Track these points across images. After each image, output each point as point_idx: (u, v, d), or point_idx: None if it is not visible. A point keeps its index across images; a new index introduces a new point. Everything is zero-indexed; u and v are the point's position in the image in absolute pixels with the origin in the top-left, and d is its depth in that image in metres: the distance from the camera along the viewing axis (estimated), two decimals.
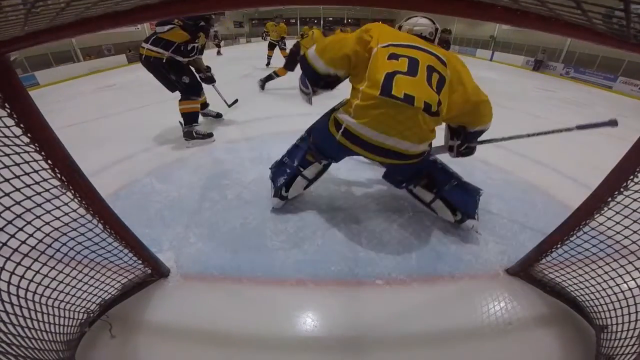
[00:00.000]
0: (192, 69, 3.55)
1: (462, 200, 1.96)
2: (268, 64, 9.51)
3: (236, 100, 4.84)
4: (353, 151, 1.78)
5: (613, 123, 1.70)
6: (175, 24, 2.88)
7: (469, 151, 2.04)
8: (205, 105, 4.11)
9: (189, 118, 3.37)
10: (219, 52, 15.35)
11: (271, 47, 9.43)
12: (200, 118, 4.07)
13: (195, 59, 3.46)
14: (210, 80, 3.89)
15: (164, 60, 3.07)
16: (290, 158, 2.10)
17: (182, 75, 3.22)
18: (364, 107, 1.60)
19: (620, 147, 1.20)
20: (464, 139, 1.96)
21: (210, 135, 3.48)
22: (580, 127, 1.93)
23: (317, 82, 1.87)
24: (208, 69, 3.84)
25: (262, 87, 6.10)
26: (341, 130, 1.71)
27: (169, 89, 3.38)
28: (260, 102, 5.31)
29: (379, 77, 1.56)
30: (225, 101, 4.55)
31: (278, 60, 9.22)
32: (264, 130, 3.85)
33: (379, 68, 1.58)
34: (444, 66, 1.67)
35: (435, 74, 1.63)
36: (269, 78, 6.09)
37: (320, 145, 1.95)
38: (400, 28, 1.92)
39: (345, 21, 33.40)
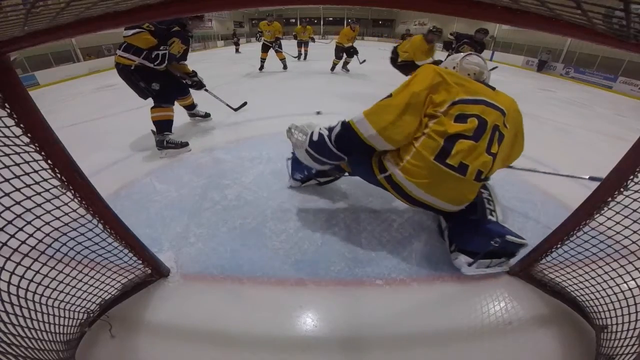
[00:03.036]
0: (175, 74, 3.39)
1: (462, 235, 1.76)
2: (261, 68, 8.70)
3: (244, 104, 4.64)
4: (386, 190, 1.73)
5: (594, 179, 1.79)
6: (143, 29, 2.75)
7: None
8: (192, 106, 4.00)
9: (161, 126, 3.17)
10: (237, 50, 16.15)
11: (265, 49, 8.57)
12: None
13: (175, 64, 3.30)
14: (198, 85, 3.62)
15: (132, 67, 2.91)
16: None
17: (152, 82, 3.03)
18: (414, 166, 1.53)
19: (620, 147, 1.20)
20: None
21: (185, 144, 3.26)
22: (592, 179, 2.05)
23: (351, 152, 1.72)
24: (194, 73, 3.58)
25: None
26: (385, 175, 1.65)
27: (141, 96, 3.20)
28: (259, 102, 5.31)
29: (440, 140, 1.48)
30: (229, 105, 4.39)
31: (273, 64, 8.84)
32: (263, 131, 3.85)
33: (442, 130, 1.48)
34: (504, 120, 1.60)
35: (498, 133, 1.56)
36: None
37: (357, 171, 1.92)
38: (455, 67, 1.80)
39: (345, 21, 33.48)
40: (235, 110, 4.49)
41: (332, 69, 8.68)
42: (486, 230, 1.67)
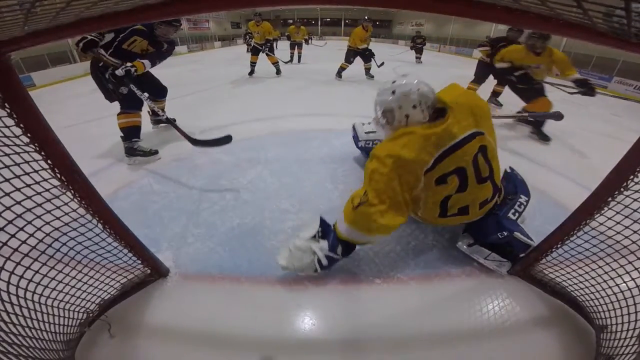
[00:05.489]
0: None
1: (476, 224, 1.78)
2: (251, 72, 7.95)
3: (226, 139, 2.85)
4: None
5: (558, 116, 1.76)
6: None
7: None
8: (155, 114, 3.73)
9: (128, 133, 3.02)
10: (248, 50, 15.99)
11: (255, 52, 7.79)
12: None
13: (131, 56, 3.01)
14: (118, 85, 2.87)
15: (101, 64, 2.78)
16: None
17: (121, 86, 2.84)
18: (423, 219, 1.76)
19: (615, 146, 1.21)
20: None
21: (154, 152, 3.08)
22: (531, 116, 2.07)
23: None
24: (120, 65, 2.80)
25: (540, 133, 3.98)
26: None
27: (106, 98, 3.03)
28: (257, 102, 5.31)
29: (435, 209, 1.62)
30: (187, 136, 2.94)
31: (266, 68, 8.22)
32: (261, 131, 3.85)
33: (432, 200, 1.59)
34: (480, 135, 1.54)
35: (480, 155, 1.54)
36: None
37: None
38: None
39: (343, 22, 33.54)
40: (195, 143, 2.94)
41: (339, 73, 7.64)
42: (498, 223, 1.71)
